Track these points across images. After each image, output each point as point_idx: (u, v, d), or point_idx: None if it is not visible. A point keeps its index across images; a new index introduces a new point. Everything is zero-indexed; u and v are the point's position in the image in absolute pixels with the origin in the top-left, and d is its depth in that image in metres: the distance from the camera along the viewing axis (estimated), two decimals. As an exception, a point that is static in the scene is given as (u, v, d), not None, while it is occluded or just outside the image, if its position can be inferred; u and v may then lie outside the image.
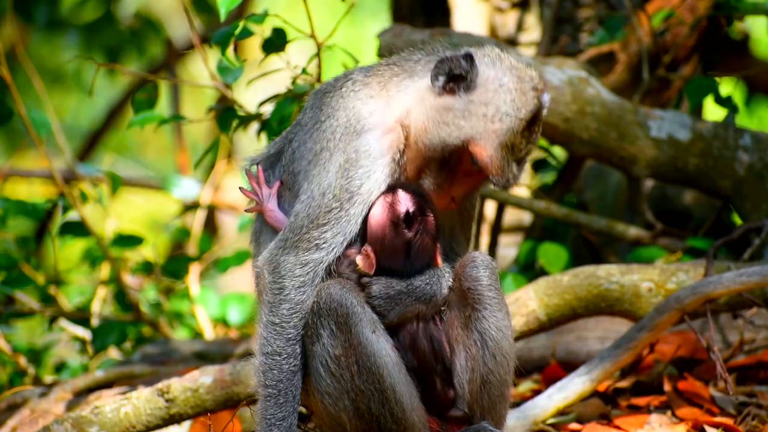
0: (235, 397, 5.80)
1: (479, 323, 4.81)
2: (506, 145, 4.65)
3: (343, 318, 4.60)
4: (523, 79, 4.72)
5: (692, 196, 7.69)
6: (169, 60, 11.94)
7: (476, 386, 4.82)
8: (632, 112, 6.77)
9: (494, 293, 4.82)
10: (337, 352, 4.63)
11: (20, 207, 7.11)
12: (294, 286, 4.68)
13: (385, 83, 4.79)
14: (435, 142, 4.67)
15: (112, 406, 5.64)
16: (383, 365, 4.61)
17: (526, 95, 4.69)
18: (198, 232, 8.74)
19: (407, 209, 4.71)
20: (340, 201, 4.68)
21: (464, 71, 4.66)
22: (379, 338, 4.62)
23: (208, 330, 8.25)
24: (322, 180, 4.70)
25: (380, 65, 4.88)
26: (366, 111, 4.74)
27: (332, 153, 4.72)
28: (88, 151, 12.73)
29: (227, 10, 5.64)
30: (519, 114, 4.66)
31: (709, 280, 5.61)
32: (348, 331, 4.60)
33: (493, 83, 4.69)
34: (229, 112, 6.23)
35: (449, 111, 4.67)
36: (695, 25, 7.25)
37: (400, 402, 4.63)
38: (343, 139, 4.72)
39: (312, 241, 4.67)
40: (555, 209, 7.00)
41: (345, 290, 4.63)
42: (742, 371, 6.01)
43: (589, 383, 5.56)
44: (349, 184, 4.68)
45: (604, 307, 5.96)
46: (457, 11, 8.07)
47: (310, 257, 4.68)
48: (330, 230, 4.68)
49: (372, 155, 4.71)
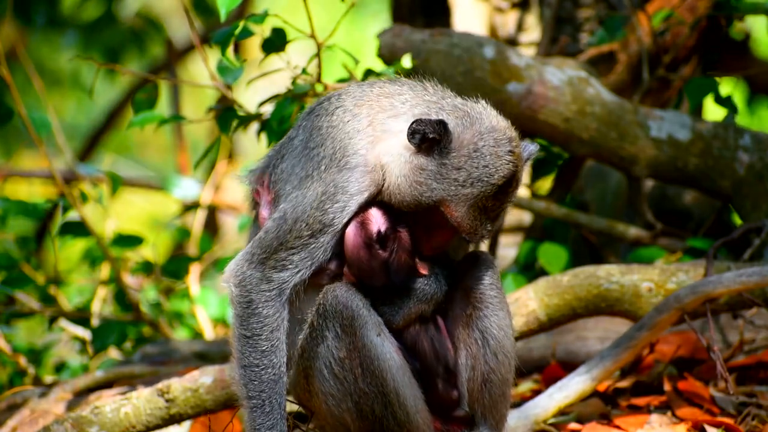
0: (235, 397, 5.79)
1: (481, 322, 4.82)
2: (478, 207, 4.67)
3: (349, 320, 4.60)
4: (499, 142, 4.68)
5: (692, 196, 7.69)
6: (170, 60, 11.94)
7: (477, 385, 4.83)
8: (632, 112, 6.77)
9: (496, 292, 4.84)
10: (341, 354, 4.63)
11: (20, 207, 7.11)
12: (261, 301, 4.68)
13: (372, 119, 4.77)
14: (408, 199, 4.70)
15: (112, 406, 5.65)
16: (387, 369, 4.62)
17: (500, 159, 4.67)
18: (198, 232, 8.74)
19: (379, 229, 4.71)
20: (311, 230, 4.68)
21: (438, 135, 4.66)
22: (384, 341, 4.63)
23: (208, 330, 8.25)
24: (298, 205, 4.69)
25: (372, 90, 4.85)
26: (351, 148, 4.72)
27: (313, 181, 4.71)
28: (88, 151, 12.74)
29: (227, 11, 5.64)
30: (491, 179, 4.65)
31: (708, 279, 5.61)
32: (353, 333, 4.60)
33: (468, 148, 4.67)
34: (229, 112, 6.23)
35: (423, 171, 4.68)
36: (695, 25, 7.25)
37: (404, 405, 4.64)
38: (327, 171, 4.70)
39: (279, 261, 4.67)
40: (555, 209, 7.00)
41: (351, 292, 4.64)
42: (742, 371, 6.00)
43: (590, 382, 5.56)
44: (323, 216, 4.68)
45: (604, 307, 5.96)
46: (457, 11, 8.06)
47: (276, 275, 4.68)
48: (298, 254, 4.68)
49: (349, 192, 4.70)
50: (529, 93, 6.69)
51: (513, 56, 6.74)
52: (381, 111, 4.79)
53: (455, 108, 4.76)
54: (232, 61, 6.11)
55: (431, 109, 4.76)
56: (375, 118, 4.77)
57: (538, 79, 6.72)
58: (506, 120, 4.78)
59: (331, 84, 6.09)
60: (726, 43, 7.68)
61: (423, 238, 4.78)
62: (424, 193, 4.66)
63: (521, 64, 6.74)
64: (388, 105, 4.80)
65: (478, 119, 4.72)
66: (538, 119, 6.69)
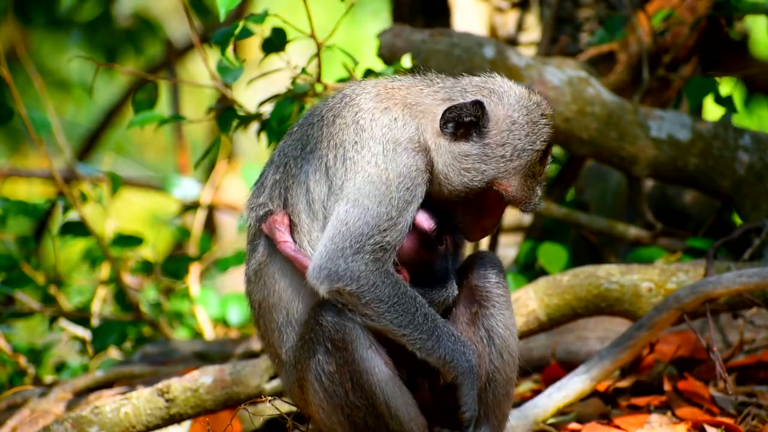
0: (235, 397, 5.80)
1: (486, 320, 4.83)
2: (528, 176, 4.77)
3: (340, 336, 4.60)
4: (530, 108, 4.79)
5: (692, 196, 7.69)
6: (169, 60, 11.94)
7: (481, 384, 4.82)
8: (632, 112, 6.77)
9: (502, 291, 4.87)
10: (331, 369, 4.64)
11: (20, 207, 7.11)
12: (381, 277, 4.63)
13: (402, 108, 4.78)
14: (459, 188, 4.75)
15: (112, 406, 5.65)
16: (376, 383, 4.62)
17: (537, 125, 4.78)
18: (198, 232, 8.73)
19: (435, 227, 4.74)
20: (399, 209, 4.67)
21: (474, 117, 4.70)
22: (373, 355, 4.62)
23: (208, 330, 8.25)
24: (372, 192, 4.68)
25: (384, 86, 4.85)
26: (400, 136, 4.74)
27: (373, 169, 4.70)
28: (88, 151, 12.73)
29: (227, 11, 5.63)
30: (535, 146, 4.76)
31: (708, 280, 5.61)
32: (344, 348, 4.61)
33: (505, 122, 4.75)
34: (229, 112, 6.23)
35: (467, 157, 4.74)
36: (695, 25, 7.25)
37: (396, 416, 4.64)
38: (388, 159, 4.70)
39: (377, 244, 4.64)
40: (555, 209, 7.00)
41: (342, 311, 4.62)
42: (742, 371, 6.00)
43: (589, 382, 5.56)
44: (406, 193, 4.69)
45: (604, 307, 5.96)
46: (457, 11, 8.06)
47: (381, 255, 4.65)
48: (390, 234, 4.66)
49: (420, 168, 4.72)
50: (529, 93, 6.69)
51: (513, 56, 6.75)
52: (406, 99, 4.80)
53: (478, 87, 4.82)
54: (231, 61, 6.11)
55: (453, 92, 4.80)
56: (405, 106, 4.79)
57: (538, 79, 6.72)
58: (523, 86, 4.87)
59: (331, 84, 6.09)
60: (726, 43, 7.69)
61: (473, 222, 4.82)
62: (474, 178, 4.72)
63: (521, 64, 6.74)
64: (409, 95, 4.82)
65: (504, 93, 4.80)
66: (538, 119, 6.68)
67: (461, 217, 4.81)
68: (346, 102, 4.84)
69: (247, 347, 6.86)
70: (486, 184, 4.73)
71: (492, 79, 4.86)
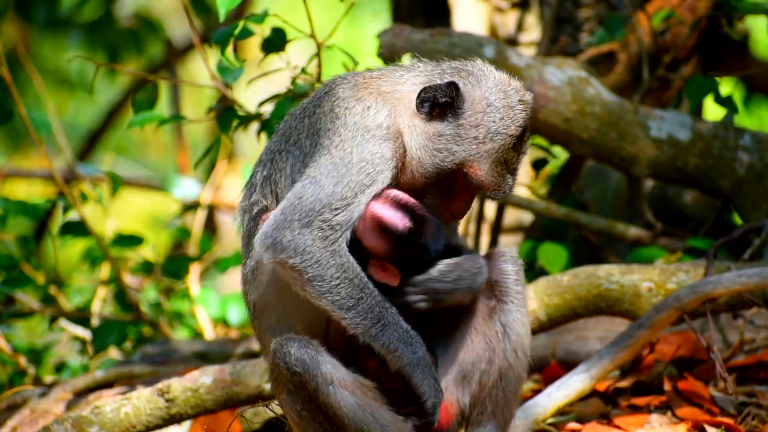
0: (235, 397, 5.80)
1: (504, 316, 4.84)
2: (500, 162, 4.73)
3: (298, 377, 4.58)
4: (508, 93, 4.77)
5: (692, 196, 7.69)
6: (169, 60, 11.94)
7: (492, 380, 4.82)
8: (632, 112, 6.77)
9: (520, 288, 4.87)
10: (298, 407, 4.64)
11: (20, 207, 7.11)
12: (326, 255, 4.60)
13: (376, 96, 4.77)
14: (429, 169, 4.72)
15: (112, 406, 5.65)
16: (344, 415, 4.59)
17: (513, 109, 4.75)
18: (198, 232, 8.74)
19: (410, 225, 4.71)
20: (355, 192, 4.64)
21: (449, 98, 4.69)
22: (335, 390, 4.60)
23: (208, 330, 8.25)
24: (332, 171, 4.66)
25: (363, 77, 4.85)
26: (372, 123, 4.72)
27: (342, 152, 4.69)
28: (88, 151, 12.73)
29: (227, 11, 5.64)
30: (509, 131, 4.73)
31: (708, 279, 5.61)
32: (304, 388, 4.60)
33: (480, 104, 4.73)
34: (229, 112, 6.23)
35: (440, 137, 4.72)
36: (695, 25, 7.25)
37: None
38: (356, 145, 4.69)
39: (325, 222, 4.62)
40: (555, 209, 7.00)
41: (300, 346, 4.60)
42: (742, 371, 6.00)
43: (589, 381, 5.56)
44: (366, 178, 4.65)
45: (604, 307, 5.96)
46: (457, 11, 8.06)
47: (329, 234, 4.63)
48: (341, 215, 4.64)
49: (386, 156, 4.69)
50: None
51: (513, 56, 6.75)
52: (382, 86, 4.81)
53: (457, 69, 4.82)
54: (231, 61, 6.11)
55: (432, 76, 4.80)
56: (380, 94, 4.79)
57: (538, 79, 6.73)
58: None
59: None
60: (726, 43, 7.69)
61: (441, 205, 4.79)
62: (446, 159, 4.69)
63: (521, 64, 6.75)
64: (384, 83, 4.82)
65: (482, 75, 4.79)
66: (538, 119, 6.69)
67: (430, 200, 4.78)
68: (325, 92, 4.86)
69: (247, 347, 6.86)
70: (456, 165, 4.70)
71: (472, 62, 4.85)
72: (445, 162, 4.70)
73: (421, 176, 4.73)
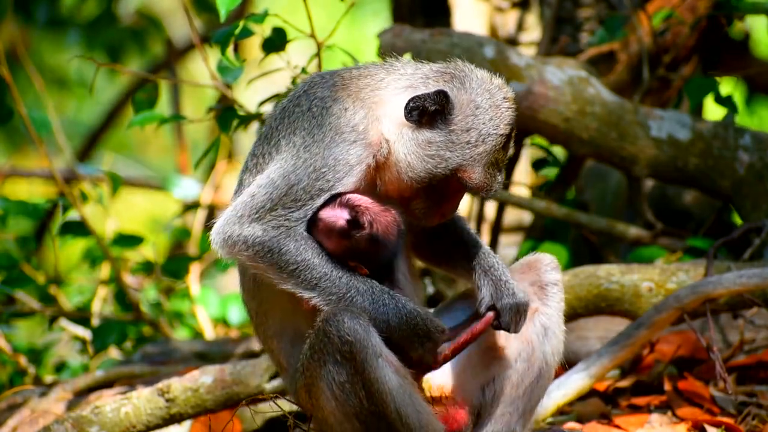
0: (235, 397, 5.80)
1: (546, 318, 4.94)
2: (492, 163, 4.74)
3: (348, 347, 4.56)
4: (492, 92, 4.76)
5: (692, 196, 7.69)
6: (170, 60, 11.94)
7: (530, 379, 4.90)
8: (632, 112, 6.77)
9: (562, 295, 4.99)
10: (341, 379, 4.61)
11: (20, 207, 7.10)
12: (279, 243, 4.63)
13: (355, 97, 4.77)
14: (422, 174, 4.72)
15: (112, 406, 5.65)
16: (387, 391, 4.58)
17: (500, 108, 4.74)
18: (198, 232, 8.73)
19: (347, 217, 4.71)
20: (310, 194, 4.67)
21: (439, 106, 4.68)
22: (383, 363, 4.58)
23: (208, 330, 8.25)
24: (290, 173, 4.70)
25: (342, 76, 4.84)
26: (346, 125, 4.74)
27: (306, 153, 4.73)
28: (89, 151, 12.73)
29: (227, 11, 5.64)
30: (499, 130, 4.73)
31: (708, 280, 5.61)
32: (353, 359, 4.57)
33: (469, 107, 4.72)
34: (230, 112, 6.23)
35: (431, 144, 4.71)
36: (695, 24, 7.24)
37: (407, 424, 4.62)
38: (323, 146, 4.71)
39: (277, 217, 4.66)
40: (555, 209, 6.99)
41: (353, 317, 4.58)
42: (742, 371, 6.00)
43: (588, 379, 5.56)
44: (323, 183, 4.69)
45: (604, 306, 5.96)
46: (457, 11, 8.06)
47: (281, 224, 4.66)
48: (296, 213, 4.67)
49: (350, 163, 4.71)
50: (529, 93, 6.69)
51: (513, 56, 6.75)
52: (361, 90, 4.79)
53: (440, 74, 4.79)
54: (232, 61, 6.12)
55: (414, 80, 4.78)
56: (358, 96, 4.77)
57: (539, 78, 6.73)
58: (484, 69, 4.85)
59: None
60: (726, 42, 7.69)
61: (432, 207, 4.78)
62: (439, 165, 4.69)
63: (521, 63, 6.74)
64: (365, 85, 4.80)
65: (465, 78, 4.77)
66: (538, 119, 6.69)
67: (419, 203, 4.78)
68: (305, 90, 4.85)
69: (248, 347, 6.86)
70: (450, 171, 4.70)
71: (453, 64, 4.82)
72: (438, 168, 4.69)
73: (412, 182, 4.72)
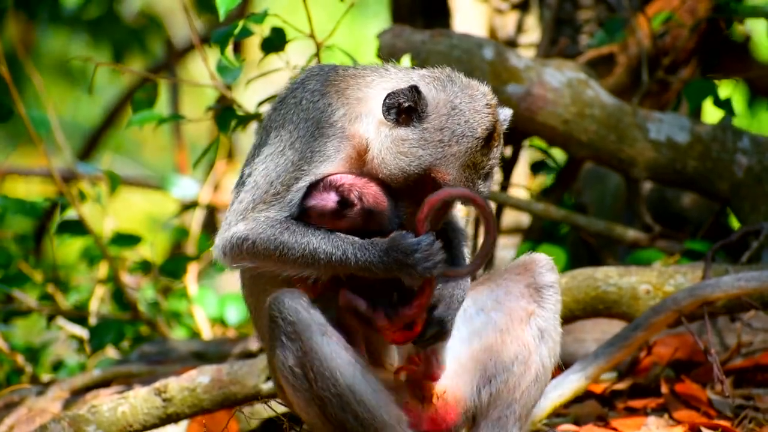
0: (232, 397, 5.80)
1: (542, 321, 4.90)
2: (468, 165, 4.66)
3: (292, 326, 4.56)
4: (475, 97, 4.70)
5: (691, 199, 7.69)
6: (169, 59, 11.94)
7: (527, 382, 4.87)
8: (631, 115, 6.77)
9: (559, 297, 4.95)
10: (291, 363, 4.59)
11: (19, 205, 7.10)
12: (263, 231, 4.66)
13: (340, 94, 4.78)
14: (395, 172, 4.68)
15: (109, 405, 5.65)
16: (335, 367, 4.55)
17: (479, 113, 4.67)
18: (197, 232, 8.74)
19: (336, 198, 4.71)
20: (287, 186, 4.69)
21: (413, 102, 4.65)
22: (327, 341, 4.57)
23: (205, 329, 8.25)
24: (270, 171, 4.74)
25: (336, 73, 4.84)
26: (326, 120, 4.74)
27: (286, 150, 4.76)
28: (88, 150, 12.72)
29: (227, 10, 5.64)
30: (475, 133, 4.65)
31: (706, 283, 5.61)
32: (297, 338, 4.56)
33: (446, 107, 4.68)
34: (228, 112, 6.23)
35: (405, 141, 4.67)
36: (695, 27, 7.25)
37: (362, 402, 4.58)
38: (302, 141, 4.73)
39: (258, 211, 4.69)
40: (553, 211, 6.99)
41: (293, 297, 4.58)
42: (739, 374, 6.01)
43: (584, 380, 5.55)
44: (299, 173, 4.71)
45: (602, 309, 5.96)
46: (457, 12, 8.06)
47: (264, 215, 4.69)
48: (276, 206, 4.70)
49: (326, 153, 4.72)
50: (528, 94, 6.69)
51: (512, 58, 6.75)
52: (348, 88, 4.79)
53: (424, 76, 4.78)
54: (231, 61, 6.12)
55: (400, 82, 4.77)
56: (344, 93, 4.77)
57: (538, 80, 6.73)
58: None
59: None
60: (726, 45, 7.69)
61: (414, 211, 4.71)
62: (411, 163, 4.64)
63: (521, 65, 6.74)
64: (354, 83, 4.80)
65: (449, 81, 4.74)
66: (537, 121, 6.69)
67: (408, 209, 4.74)
68: (300, 82, 4.85)
69: (245, 347, 6.86)
70: (423, 170, 4.65)
71: (444, 70, 4.80)
72: (411, 166, 4.65)
73: (386, 178, 4.69)
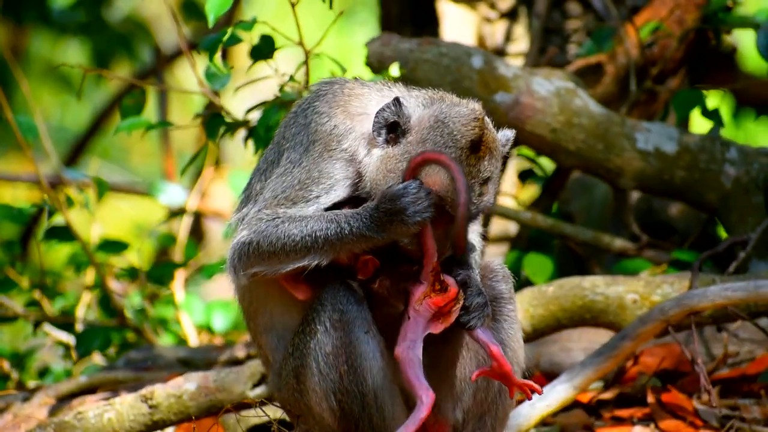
0: (218, 404, 5.80)
1: (499, 334, 4.82)
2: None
3: (339, 314, 4.59)
4: (460, 112, 4.64)
5: (678, 209, 7.70)
6: (157, 66, 11.93)
7: (492, 395, 4.84)
8: (619, 124, 6.78)
9: (513, 306, 4.90)
10: (328, 350, 4.62)
11: (5, 211, 7.09)
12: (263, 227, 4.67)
13: (345, 116, 4.78)
14: None
15: (95, 412, 5.64)
16: (369, 368, 4.60)
17: (465, 126, 4.60)
18: (184, 239, 8.72)
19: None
20: (293, 203, 4.70)
21: (396, 116, 4.63)
22: (370, 340, 4.61)
23: (192, 336, 8.24)
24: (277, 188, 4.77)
25: (342, 92, 4.84)
26: (334, 142, 4.75)
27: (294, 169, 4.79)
28: (75, 156, 12.70)
29: (216, 16, 5.63)
30: (458, 144, 4.59)
31: (693, 293, 5.61)
32: (341, 328, 4.59)
33: (429, 120, 4.65)
34: (217, 119, 6.23)
35: (391, 158, 4.65)
36: (683, 37, 7.27)
37: (381, 408, 4.63)
38: (310, 160, 4.75)
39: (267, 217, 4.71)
40: (541, 220, 7.00)
41: (348, 288, 4.62)
42: (725, 384, 6.01)
43: (571, 390, 5.56)
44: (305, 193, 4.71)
45: (589, 318, 5.97)
46: (446, 21, 8.07)
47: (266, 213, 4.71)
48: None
49: (335, 177, 4.73)
50: (516, 103, 6.70)
51: (501, 66, 6.75)
52: (353, 107, 4.78)
53: (417, 95, 4.77)
54: (219, 68, 6.12)
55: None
56: (348, 114, 4.77)
57: (526, 89, 6.73)
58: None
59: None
60: (713, 56, 7.70)
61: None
62: (397, 179, 4.60)
63: (509, 74, 6.75)
64: (359, 104, 4.79)
65: (438, 99, 4.73)
66: (525, 130, 6.70)
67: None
68: (309, 102, 4.86)
69: (232, 354, 6.85)
70: None
71: (438, 92, 4.79)
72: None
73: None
